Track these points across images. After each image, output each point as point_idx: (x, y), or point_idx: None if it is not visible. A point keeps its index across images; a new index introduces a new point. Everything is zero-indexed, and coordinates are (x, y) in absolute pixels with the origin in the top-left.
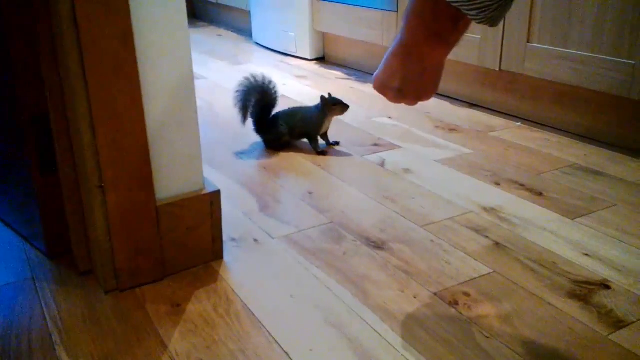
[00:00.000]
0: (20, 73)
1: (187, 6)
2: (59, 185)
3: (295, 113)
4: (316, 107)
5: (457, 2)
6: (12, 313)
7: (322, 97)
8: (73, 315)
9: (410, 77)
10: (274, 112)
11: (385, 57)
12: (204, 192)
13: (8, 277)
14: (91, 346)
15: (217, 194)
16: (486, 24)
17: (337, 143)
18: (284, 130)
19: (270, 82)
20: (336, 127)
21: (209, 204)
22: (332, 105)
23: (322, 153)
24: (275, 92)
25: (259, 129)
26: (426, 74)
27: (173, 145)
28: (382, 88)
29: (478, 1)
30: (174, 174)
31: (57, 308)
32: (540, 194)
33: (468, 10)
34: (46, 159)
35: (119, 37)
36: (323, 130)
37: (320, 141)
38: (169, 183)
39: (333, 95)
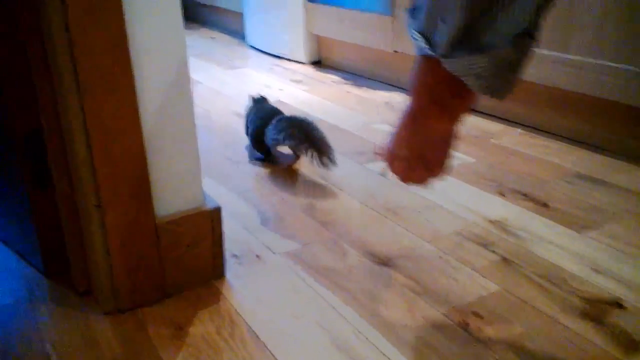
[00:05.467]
0: (12, 88)
1: None
2: (54, 202)
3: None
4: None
5: (453, 67)
6: (9, 337)
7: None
8: (72, 338)
9: (417, 146)
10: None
11: (394, 127)
12: (205, 208)
13: (4, 298)
14: None
15: (217, 210)
16: (490, 96)
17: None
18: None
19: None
20: (334, 134)
21: (209, 221)
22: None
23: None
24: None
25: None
26: (434, 144)
27: (171, 160)
28: (390, 158)
29: (472, 67)
30: (173, 190)
31: (55, 331)
32: (545, 205)
33: (465, 77)
34: (41, 175)
35: (114, 50)
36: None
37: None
38: (168, 200)
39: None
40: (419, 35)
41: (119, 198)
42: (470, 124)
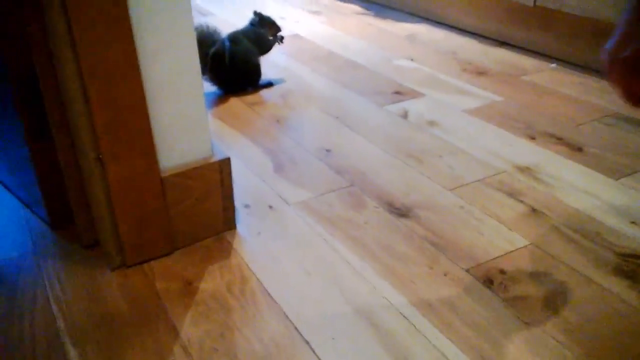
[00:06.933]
0: (2, 30)
1: None
2: (55, 152)
3: (240, 36)
4: (252, 25)
5: None
6: (14, 292)
7: (257, 13)
8: (78, 295)
9: None
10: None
11: (618, 24)
12: (213, 159)
13: (9, 251)
14: (97, 333)
15: (226, 161)
16: None
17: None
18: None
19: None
20: (352, 72)
21: (218, 172)
22: (270, 23)
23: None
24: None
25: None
26: None
27: (176, 107)
28: (610, 61)
29: None
30: (178, 140)
31: (60, 288)
32: (580, 149)
33: None
34: (39, 124)
35: None
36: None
37: None
38: (174, 150)
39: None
40: None
41: (120, 149)
42: (500, 59)
